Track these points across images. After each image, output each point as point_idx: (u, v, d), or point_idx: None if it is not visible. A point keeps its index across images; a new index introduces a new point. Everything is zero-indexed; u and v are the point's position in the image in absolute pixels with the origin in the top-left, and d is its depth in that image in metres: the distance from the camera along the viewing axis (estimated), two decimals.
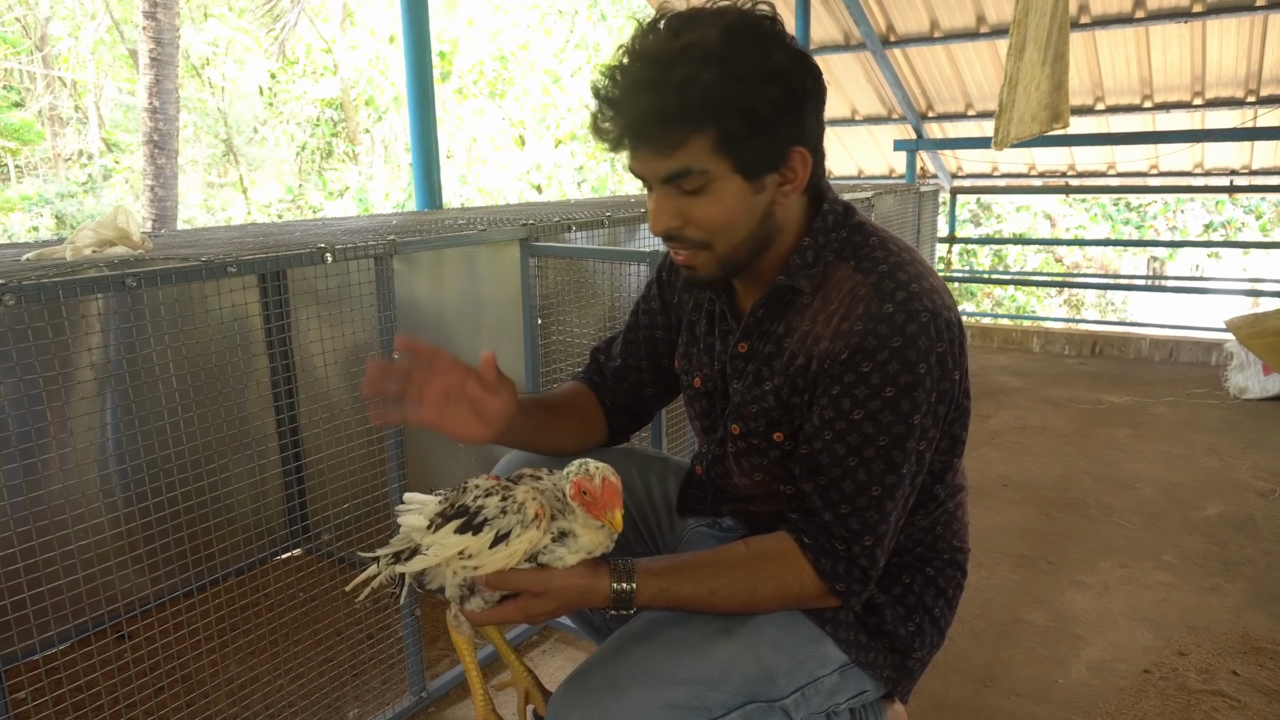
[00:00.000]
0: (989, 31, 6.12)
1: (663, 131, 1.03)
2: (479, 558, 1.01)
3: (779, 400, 1.16)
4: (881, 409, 1.07)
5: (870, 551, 1.11)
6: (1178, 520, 2.98)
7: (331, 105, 15.12)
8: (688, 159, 1.04)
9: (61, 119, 15.25)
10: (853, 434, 1.08)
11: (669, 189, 1.08)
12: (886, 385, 1.06)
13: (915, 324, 1.06)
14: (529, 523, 1.01)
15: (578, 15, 13.86)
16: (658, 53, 1.02)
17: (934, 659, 1.30)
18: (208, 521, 1.97)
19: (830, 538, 1.11)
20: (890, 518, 1.11)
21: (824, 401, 1.10)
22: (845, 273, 1.13)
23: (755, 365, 1.19)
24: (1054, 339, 5.76)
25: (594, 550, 1.05)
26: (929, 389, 1.07)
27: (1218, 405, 4.38)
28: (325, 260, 1.69)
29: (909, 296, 1.07)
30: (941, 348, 1.07)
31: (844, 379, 1.08)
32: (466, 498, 1.05)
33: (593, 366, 1.49)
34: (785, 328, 1.16)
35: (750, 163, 1.06)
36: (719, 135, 1.02)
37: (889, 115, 7.35)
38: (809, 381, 1.13)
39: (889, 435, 1.07)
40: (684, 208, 1.08)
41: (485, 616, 1.07)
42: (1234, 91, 6.08)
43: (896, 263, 1.12)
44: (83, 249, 1.58)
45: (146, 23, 7.98)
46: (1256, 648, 2.21)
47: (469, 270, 2.54)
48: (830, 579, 1.11)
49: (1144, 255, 15.19)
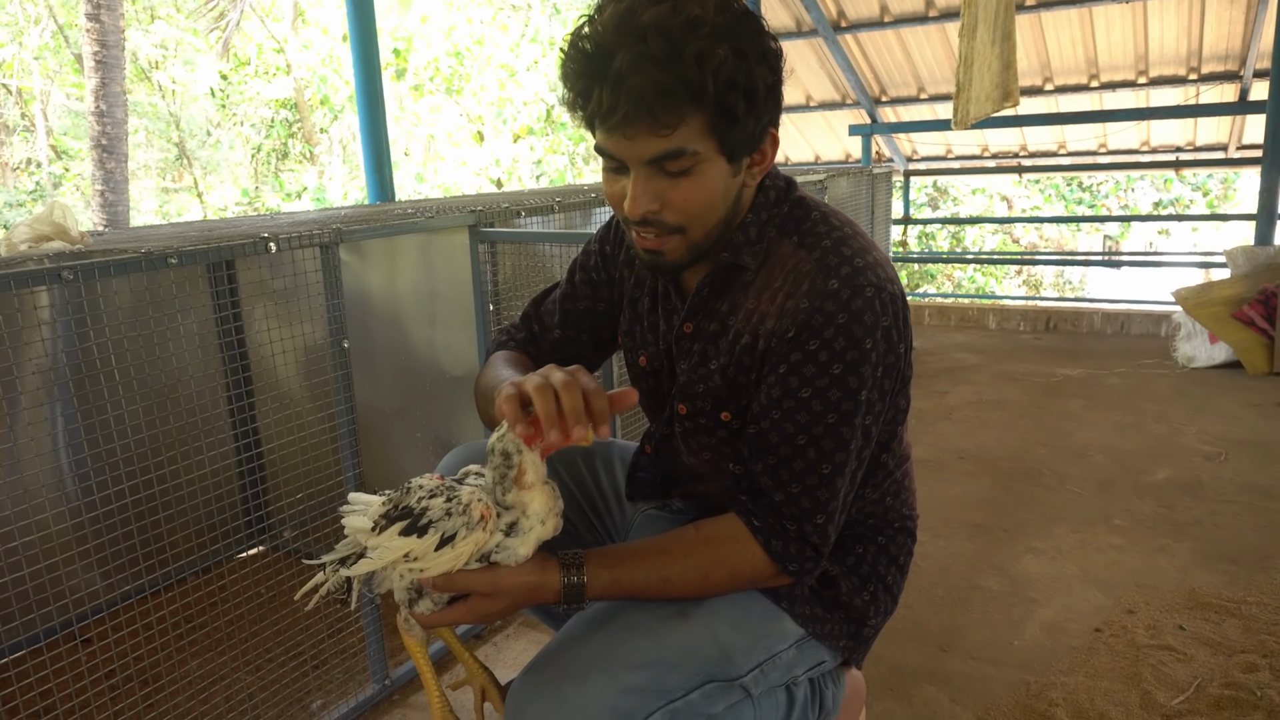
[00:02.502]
0: (938, 15, 6.20)
1: (666, 108, 0.97)
2: (424, 560, 0.99)
3: (725, 380, 1.15)
4: (829, 386, 1.06)
5: (822, 529, 1.11)
6: (1128, 486, 3.05)
7: (286, 105, 14.92)
8: (682, 139, 1.00)
9: (8, 127, 14.91)
10: (801, 412, 1.07)
11: (651, 170, 1.03)
12: (834, 362, 1.06)
13: (860, 299, 1.05)
14: (474, 525, 0.99)
15: (532, 9, 13.79)
16: (661, 24, 0.96)
17: (891, 625, 1.31)
18: (167, 522, 1.95)
19: (781, 518, 1.11)
20: (840, 494, 1.11)
21: (771, 380, 1.09)
22: (788, 249, 1.13)
23: (701, 345, 1.18)
24: (1009, 316, 5.86)
25: (547, 518, 1.02)
26: (875, 364, 1.07)
27: (1167, 374, 4.49)
28: (269, 249, 1.68)
29: (853, 271, 1.07)
30: (886, 321, 1.07)
31: (791, 357, 1.07)
32: (411, 499, 1.02)
33: (527, 337, 1.42)
34: (730, 306, 1.15)
35: (737, 145, 1.04)
36: (715, 115, 0.99)
37: (843, 100, 7.41)
38: (755, 360, 1.12)
39: (837, 412, 1.07)
40: (664, 190, 1.04)
41: (435, 619, 1.05)
42: (1176, 70, 6.20)
43: (840, 237, 1.11)
44: (18, 245, 1.56)
45: (90, 25, 7.83)
46: (1202, 603, 2.27)
47: (422, 260, 2.54)
48: (782, 560, 1.11)
49: (1098, 235, 15.47)
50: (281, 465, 2.24)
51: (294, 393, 2.51)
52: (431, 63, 13.89)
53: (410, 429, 2.69)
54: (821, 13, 6.40)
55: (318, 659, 2.12)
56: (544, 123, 13.36)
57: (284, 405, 2.43)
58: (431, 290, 2.52)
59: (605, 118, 1.00)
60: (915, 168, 7.76)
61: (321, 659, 2.13)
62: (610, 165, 1.07)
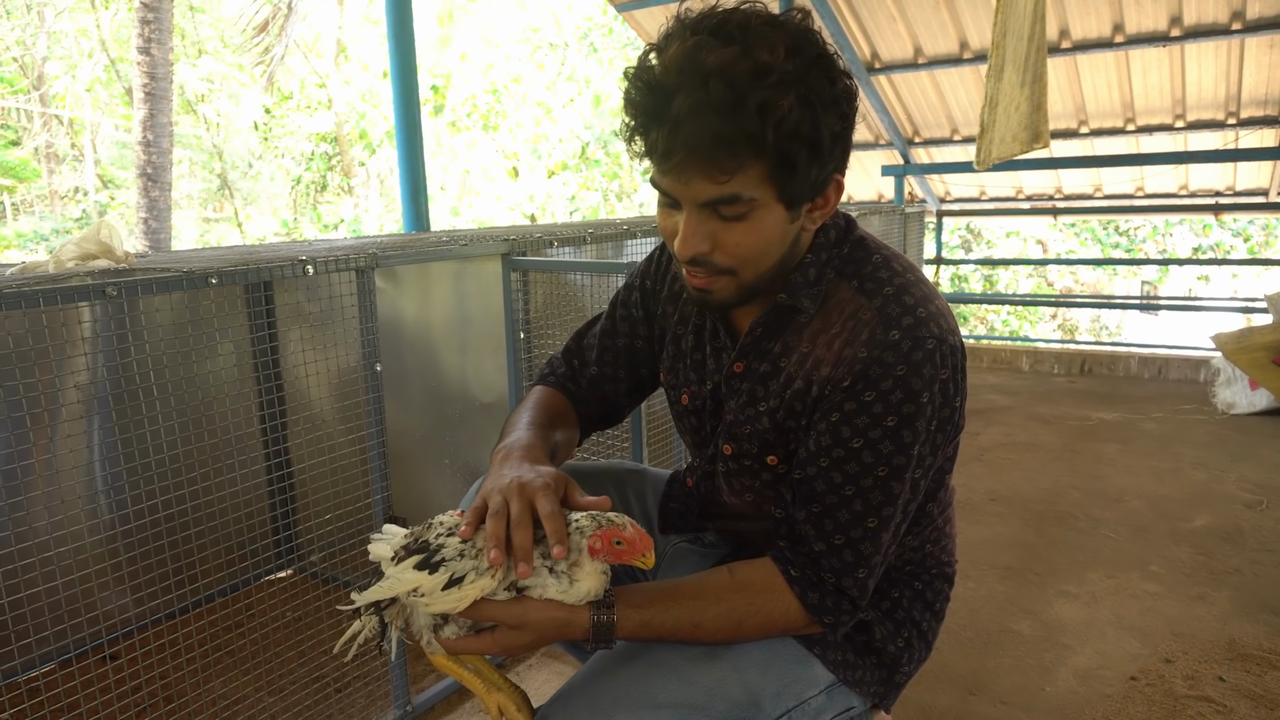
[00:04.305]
0: (971, 57, 6.21)
1: (725, 156, 0.94)
2: (430, 597, 0.99)
3: (774, 423, 1.12)
4: (882, 438, 1.03)
5: (862, 583, 1.08)
6: (1165, 532, 2.99)
7: (326, 139, 15.26)
8: (739, 186, 0.97)
9: (58, 156, 15.38)
10: (851, 462, 1.04)
11: (705, 212, 1.00)
12: (889, 414, 1.02)
13: (921, 351, 1.02)
14: (483, 571, 0.99)
15: (569, 48, 14.05)
16: (726, 70, 0.92)
17: (920, 667, 1.29)
18: (198, 539, 1.97)
19: (819, 569, 1.08)
20: (883, 549, 1.09)
21: (822, 427, 1.06)
22: (848, 293, 1.09)
23: (750, 385, 1.15)
24: (1043, 358, 5.79)
25: (586, 597, 1.02)
26: (930, 418, 1.04)
27: (1206, 420, 4.40)
28: (306, 272, 1.71)
29: (915, 323, 1.04)
30: (944, 375, 1.04)
31: (844, 406, 1.04)
32: (430, 534, 1.03)
33: (567, 373, 1.41)
34: (782, 347, 1.12)
35: (797, 193, 1.01)
36: (776, 164, 0.96)
37: (876, 141, 7.43)
38: (807, 406, 1.09)
39: (889, 465, 1.04)
40: (716, 232, 1.01)
41: (460, 645, 1.04)
42: (1214, 114, 6.15)
43: (902, 285, 1.08)
44: (66, 262, 1.60)
45: (141, 58, 8.09)
46: (1243, 654, 2.21)
47: (455, 287, 2.57)
48: (818, 612, 1.08)
49: (1136, 279, 15.30)
50: (312, 486, 2.26)
51: (326, 415, 2.54)
52: (469, 99, 14.18)
53: (439, 455, 2.70)
54: (855, 54, 6.44)
55: (340, 683, 2.12)
56: (579, 159, 13.55)
57: (315, 427, 2.46)
58: (463, 318, 2.55)
59: (662, 160, 0.98)
60: (948, 208, 7.75)
61: (344, 683, 2.13)
62: (665, 200, 1.06)
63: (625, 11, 6.70)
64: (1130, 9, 5.43)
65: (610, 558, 1.01)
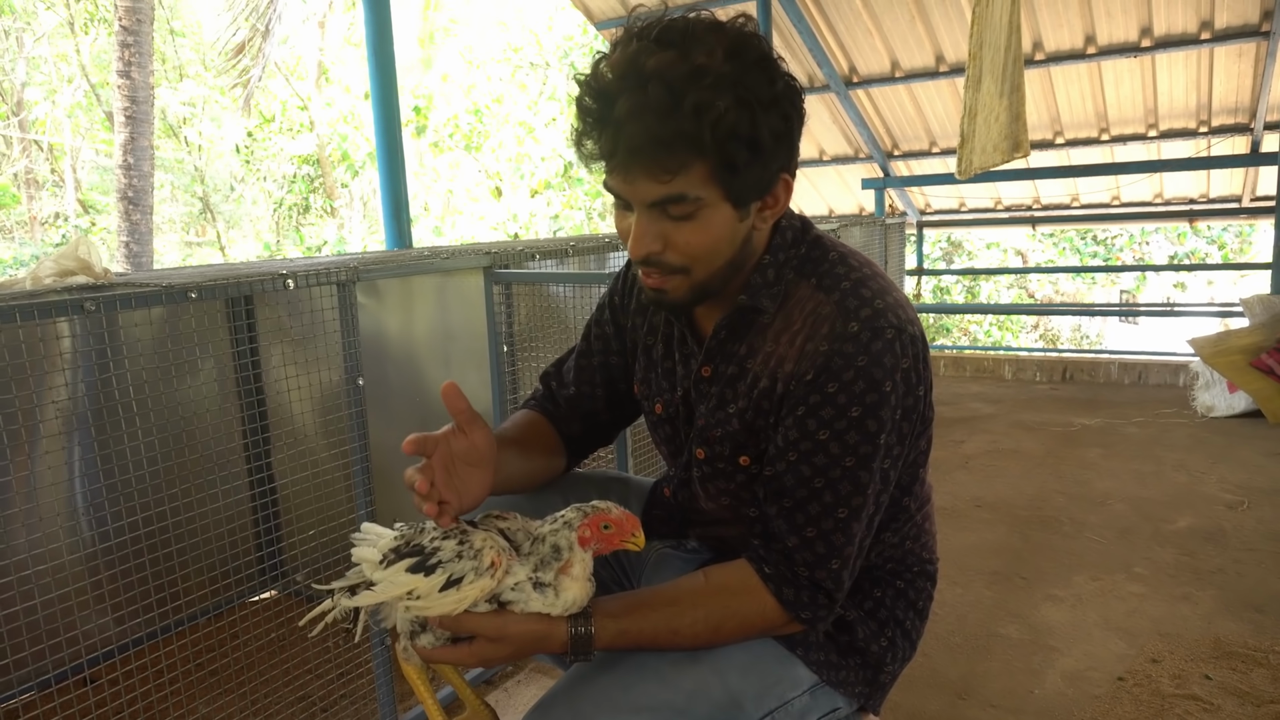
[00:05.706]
0: (947, 70, 6.28)
1: (666, 156, 0.98)
2: (427, 599, 0.98)
3: (744, 424, 1.13)
4: (847, 429, 1.04)
5: (836, 575, 1.09)
6: (1149, 534, 3.00)
7: (308, 161, 15.24)
8: (683, 185, 1.00)
9: (38, 182, 15.29)
10: (818, 455, 1.06)
11: (654, 213, 1.03)
12: (852, 405, 1.04)
13: (880, 341, 1.04)
14: (483, 571, 0.99)
15: (550, 68, 14.12)
16: (664, 73, 0.96)
17: (909, 673, 1.28)
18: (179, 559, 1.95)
19: (793, 564, 1.09)
20: (856, 539, 1.09)
21: (789, 423, 1.08)
22: (807, 291, 1.11)
23: (719, 388, 1.17)
24: (1025, 366, 5.83)
25: (571, 607, 1.01)
26: (894, 407, 1.06)
27: (1186, 424, 4.44)
28: (287, 286, 1.71)
29: (873, 313, 1.06)
30: (906, 364, 1.06)
31: (809, 400, 1.06)
32: (424, 538, 1.02)
33: (545, 394, 1.42)
34: (747, 348, 1.14)
35: (743, 191, 1.03)
36: (718, 163, 0.99)
37: (856, 154, 7.49)
38: (774, 404, 1.10)
39: (855, 455, 1.05)
40: (667, 232, 1.04)
41: (437, 655, 1.04)
42: (1186, 123, 6.24)
43: (859, 279, 1.10)
44: (44, 278, 1.59)
45: (121, 81, 8.05)
46: (1228, 652, 2.22)
47: (437, 301, 2.57)
48: (794, 608, 1.09)
49: (1114, 288, 15.45)
50: (295, 503, 2.24)
51: (309, 431, 2.52)
52: (451, 119, 14.20)
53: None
54: (834, 69, 6.50)
55: (325, 702, 2.10)
56: (561, 178, 13.59)
57: (298, 443, 2.44)
58: (446, 331, 2.55)
59: (607, 160, 1.02)
60: (929, 220, 7.81)
61: (330, 703, 2.10)
62: (618, 203, 1.08)
63: (605, 30, 6.74)
64: (1102, 20, 5.51)
65: (601, 544, 1.01)
